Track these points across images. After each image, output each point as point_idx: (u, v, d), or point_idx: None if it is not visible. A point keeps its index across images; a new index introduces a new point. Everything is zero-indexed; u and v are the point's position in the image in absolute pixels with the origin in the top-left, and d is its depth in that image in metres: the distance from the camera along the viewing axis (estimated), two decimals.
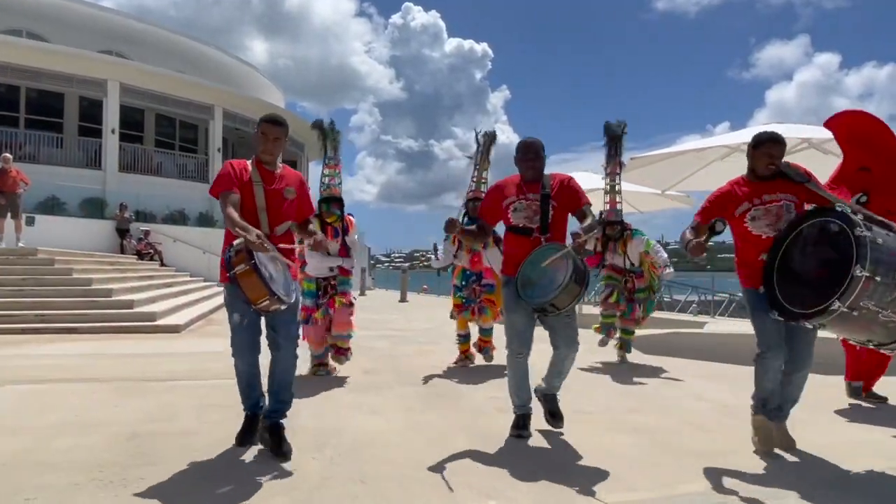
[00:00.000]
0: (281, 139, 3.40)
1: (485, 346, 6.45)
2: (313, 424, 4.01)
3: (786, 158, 8.79)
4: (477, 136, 6.78)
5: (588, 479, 3.05)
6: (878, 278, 2.75)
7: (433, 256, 6.54)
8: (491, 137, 6.75)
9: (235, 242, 3.10)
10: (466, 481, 3.05)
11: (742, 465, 3.26)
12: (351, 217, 5.71)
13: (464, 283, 6.32)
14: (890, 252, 2.81)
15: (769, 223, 3.39)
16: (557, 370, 3.81)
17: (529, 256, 3.61)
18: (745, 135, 8.62)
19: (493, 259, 6.11)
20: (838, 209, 3.10)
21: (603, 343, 6.92)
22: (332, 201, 5.62)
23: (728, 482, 2.98)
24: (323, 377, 5.67)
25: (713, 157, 8.93)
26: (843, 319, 2.89)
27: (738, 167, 4.79)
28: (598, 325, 6.94)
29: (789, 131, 7.88)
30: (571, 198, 3.70)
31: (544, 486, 3.00)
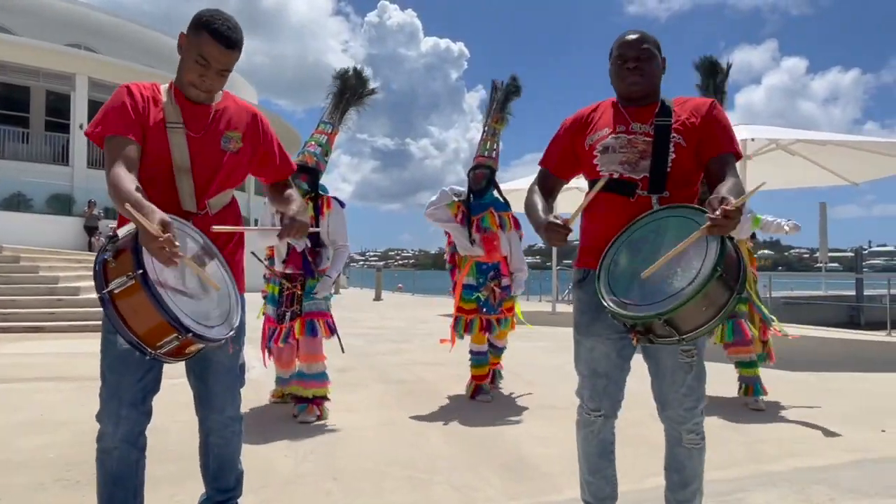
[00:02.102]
0: (229, 72, 2.00)
1: (494, 369, 5.10)
2: (285, 422, 3.98)
3: (753, 160, 8.83)
4: (494, 89, 5.09)
5: (558, 472, 3.09)
6: None
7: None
8: (511, 87, 5.05)
9: (121, 232, 1.77)
10: (440, 477, 3.06)
11: (709, 459, 3.31)
12: (333, 200, 4.29)
13: (480, 279, 4.75)
14: None
15: None
16: (677, 468, 2.15)
17: (625, 232, 2.00)
18: None
19: (514, 245, 4.84)
20: None
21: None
22: (300, 172, 4.04)
23: None
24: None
25: None
26: None
27: None
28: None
29: (758, 133, 8.06)
30: (713, 133, 2.05)
31: (516, 481, 3.02)
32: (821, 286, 21.59)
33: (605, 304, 1.88)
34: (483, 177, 4.73)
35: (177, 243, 1.61)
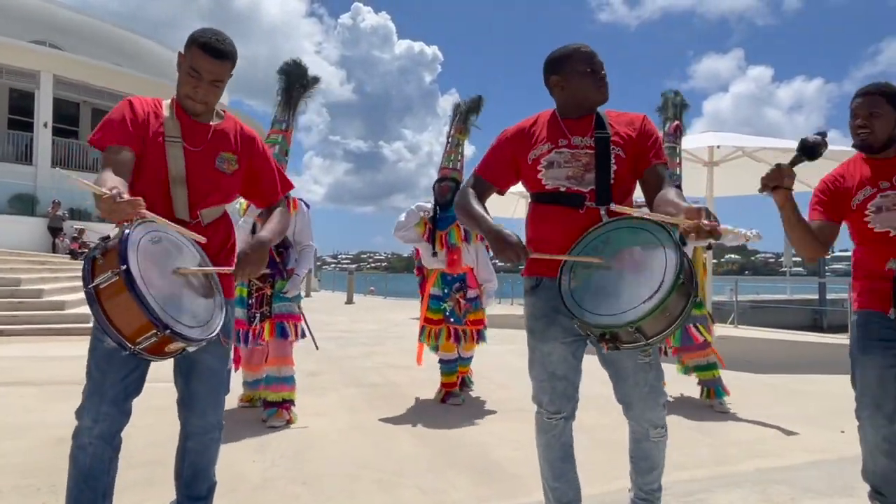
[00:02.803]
0: (222, 83, 2.06)
1: (463, 376, 5.15)
2: (254, 427, 3.95)
3: (720, 166, 9.01)
4: (457, 105, 5.18)
5: (527, 475, 3.10)
6: None
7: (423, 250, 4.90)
8: (472, 104, 5.08)
9: (113, 233, 1.83)
10: (409, 480, 3.07)
11: (675, 460, 3.37)
12: (299, 201, 4.30)
13: (445, 290, 4.80)
14: None
15: None
16: (644, 457, 2.25)
17: (581, 241, 2.06)
18: (686, 142, 8.92)
19: (481, 256, 4.88)
20: None
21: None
22: None
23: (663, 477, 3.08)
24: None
25: None
26: None
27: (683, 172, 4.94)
28: None
29: (725, 140, 8.23)
30: (644, 147, 2.16)
31: (485, 483, 3.04)
32: (786, 290, 22.09)
33: (575, 316, 1.95)
34: (448, 189, 4.77)
35: (126, 195, 1.68)
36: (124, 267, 1.69)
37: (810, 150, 2.11)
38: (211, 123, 2.13)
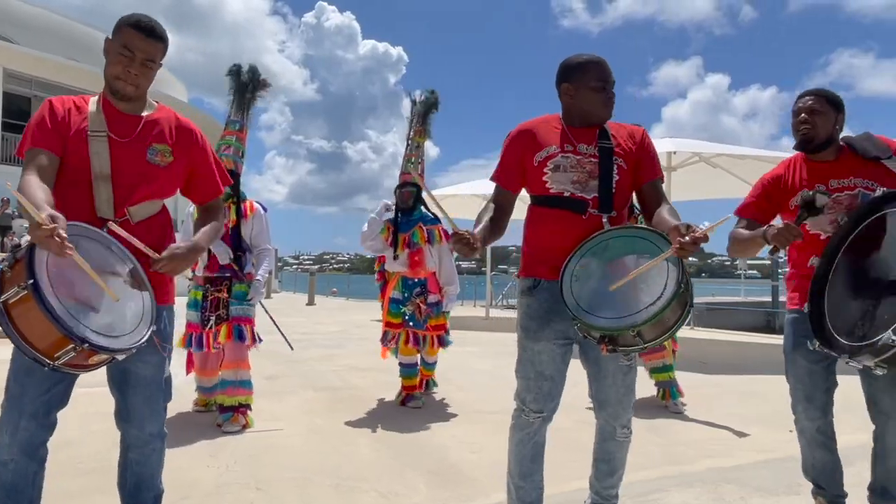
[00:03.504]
0: (154, 63, 1.96)
1: (427, 379, 5.13)
2: (209, 431, 3.87)
3: (678, 171, 9.18)
4: (413, 102, 5.07)
5: (485, 477, 3.12)
6: None
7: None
8: (429, 100, 5.03)
9: (23, 241, 1.70)
10: (367, 484, 3.05)
11: (630, 461, 3.42)
12: (256, 203, 4.24)
13: (406, 294, 4.75)
14: None
15: (835, 220, 2.37)
16: (607, 459, 2.32)
17: (582, 247, 2.10)
18: None
19: (444, 259, 4.83)
20: None
21: None
22: None
23: None
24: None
25: None
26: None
27: None
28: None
29: (682, 146, 8.40)
30: (644, 160, 2.25)
31: (443, 486, 3.04)
32: (740, 292, 22.65)
33: (576, 318, 2.00)
34: (410, 195, 4.77)
35: (63, 234, 1.56)
36: (31, 281, 1.58)
37: (812, 206, 2.25)
38: (142, 114, 2.02)
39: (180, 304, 2.66)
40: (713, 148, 8.68)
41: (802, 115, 2.39)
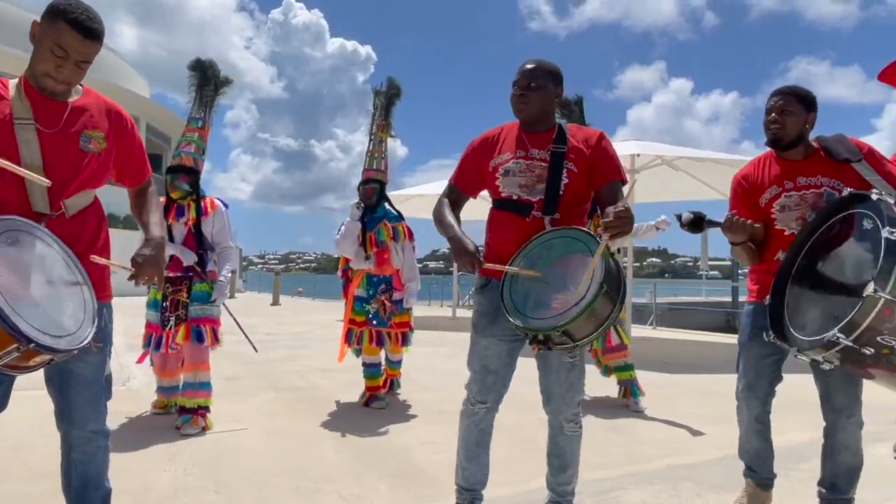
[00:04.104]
0: (88, 63, 1.86)
1: (392, 379, 5.14)
2: (167, 434, 3.79)
3: (641, 174, 9.33)
4: (376, 93, 5.03)
5: (447, 477, 3.10)
6: None
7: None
8: (391, 90, 4.98)
9: None
10: (328, 486, 3.02)
11: (590, 460, 3.46)
12: (217, 200, 4.19)
13: (370, 291, 4.72)
14: None
15: (801, 216, 2.42)
16: (557, 454, 2.40)
17: (524, 249, 2.22)
18: None
19: (407, 256, 4.81)
20: (874, 198, 2.10)
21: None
22: (180, 172, 4.01)
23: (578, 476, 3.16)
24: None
25: None
26: (854, 359, 1.97)
27: None
28: None
29: (645, 149, 8.53)
30: (601, 163, 2.30)
31: (405, 487, 3.03)
32: (702, 293, 23.08)
33: (511, 318, 2.13)
34: (373, 192, 4.72)
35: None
36: None
37: (692, 225, 2.46)
38: (68, 100, 1.90)
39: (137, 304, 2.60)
40: (675, 151, 8.85)
41: (773, 114, 2.44)
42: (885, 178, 2.31)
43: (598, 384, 5.39)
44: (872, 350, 1.89)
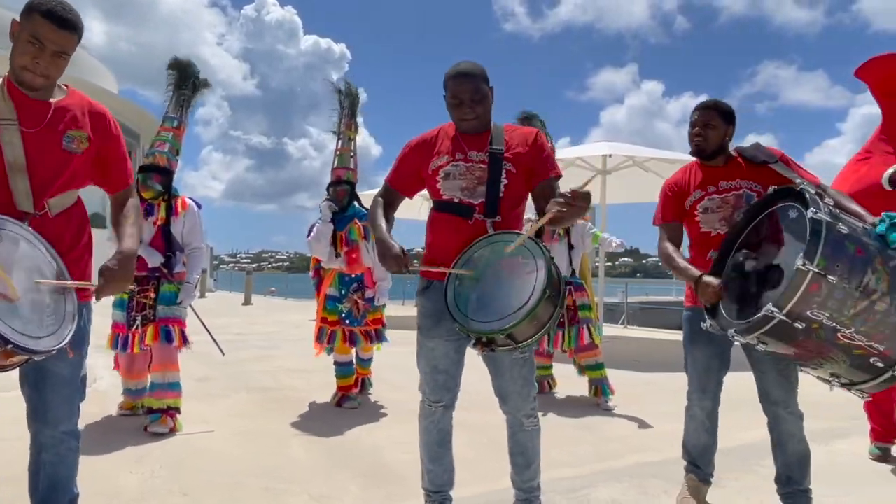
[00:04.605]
0: (66, 55, 1.88)
1: (363, 377, 5.06)
2: (134, 436, 3.74)
3: (613, 174, 9.41)
4: (339, 92, 4.95)
5: (417, 477, 3.11)
6: (831, 278, 1.93)
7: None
8: (349, 92, 4.92)
9: None
10: (298, 487, 3.01)
11: (561, 458, 3.50)
12: (189, 199, 4.11)
13: (343, 291, 4.69)
14: (856, 248, 2.00)
15: (724, 217, 2.56)
16: (521, 451, 2.41)
17: (467, 252, 2.24)
18: (581, 150, 9.31)
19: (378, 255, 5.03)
20: (797, 188, 2.21)
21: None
22: (152, 172, 3.93)
23: (546, 476, 3.18)
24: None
25: None
26: (786, 335, 2.05)
27: (574, 178, 5.11)
28: None
29: (616, 150, 8.62)
30: (539, 161, 2.33)
31: (375, 487, 3.03)
32: (672, 292, 23.42)
33: (456, 321, 2.14)
34: (345, 193, 4.71)
35: None
36: None
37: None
38: (51, 100, 1.92)
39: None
40: (646, 152, 8.96)
41: (697, 128, 2.61)
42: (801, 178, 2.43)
43: (569, 383, 5.45)
44: (803, 325, 1.99)
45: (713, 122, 2.59)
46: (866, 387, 2.14)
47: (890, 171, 3.19)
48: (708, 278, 2.39)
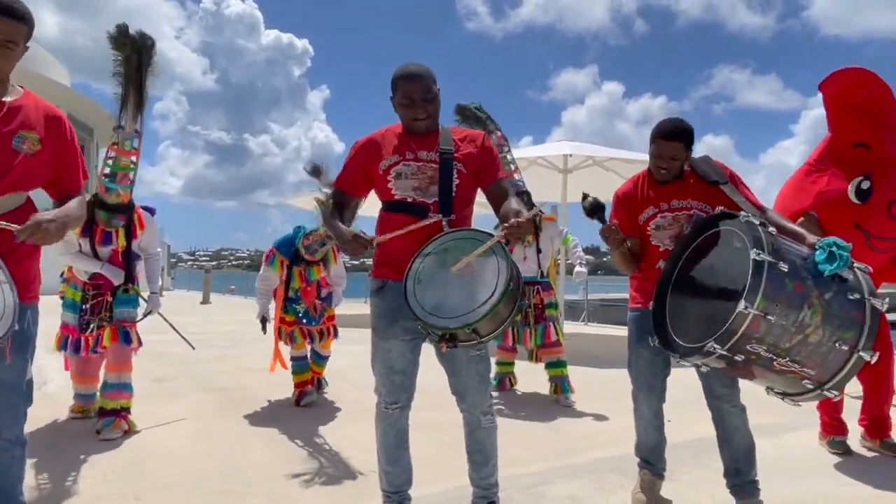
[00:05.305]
0: (16, 45, 1.87)
1: (318, 377, 5.03)
2: (86, 439, 3.64)
3: (573, 174, 9.51)
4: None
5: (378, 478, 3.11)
6: (771, 318, 2.05)
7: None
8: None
9: None
10: (258, 489, 2.97)
11: (520, 455, 3.53)
12: (144, 211, 3.92)
13: (299, 294, 4.69)
14: (794, 285, 2.10)
15: (674, 235, 2.63)
16: (479, 449, 2.42)
17: (424, 249, 2.22)
18: (543, 150, 9.40)
19: (338, 265, 4.81)
20: (742, 220, 2.28)
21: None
22: (119, 211, 3.66)
23: (506, 473, 3.20)
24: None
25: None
26: (726, 363, 2.22)
27: (536, 177, 5.19)
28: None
29: (577, 149, 8.72)
30: (486, 163, 2.38)
31: (336, 488, 3.01)
32: None
33: (418, 318, 2.11)
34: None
35: None
36: None
37: (589, 210, 2.72)
38: (4, 99, 1.91)
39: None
40: (605, 152, 9.09)
41: (661, 161, 2.60)
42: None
43: (530, 381, 5.50)
44: (743, 357, 2.14)
45: (678, 154, 2.58)
46: (799, 399, 2.27)
47: (856, 182, 3.29)
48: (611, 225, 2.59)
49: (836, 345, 2.10)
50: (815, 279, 2.15)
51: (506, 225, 2.06)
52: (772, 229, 2.24)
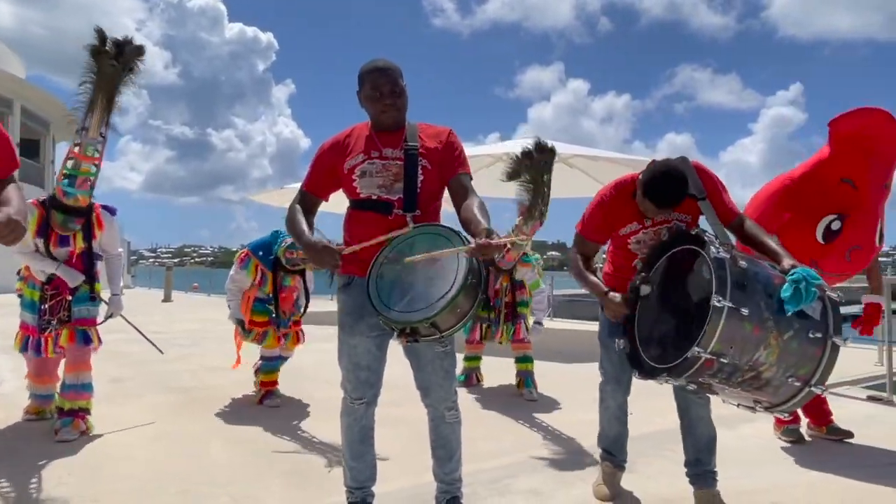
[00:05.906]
0: None
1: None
2: (41, 441, 3.55)
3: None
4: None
5: (342, 476, 3.10)
6: (724, 359, 2.12)
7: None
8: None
9: None
10: (220, 489, 2.93)
11: (484, 449, 3.55)
12: (103, 211, 3.84)
13: (270, 294, 4.67)
14: (753, 327, 2.13)
15: (654, 246, 2.69)
16: (443, 444, 2.44)
17: (386, 248, 2.25)
18: (508, 146, 9.44)
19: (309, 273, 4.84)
20: (711, 255, 2.25)
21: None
22: (76, 214, 3.60)
23: (470, 467, 3.23)
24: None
25: (479, 165, 9.60)
26: (683, 387, 2.38)
27: (502, 173, 5.16)
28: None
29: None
30: (450, 157, 2.39)
31: (300, 486, 2.99)
32: None
33: (379, 313, 2.12)
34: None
35: None
36: None
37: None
38: None
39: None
40: (570, 149, 9.17)
41: (650, 214, 2.65)
42: (723, 213, 2.60)
43: (496, 376, 5.54)
44: (695, 386, 2.31)
45: (680, 212, 2.65)
46: (754, 412, 2.40)
47: (827, 220, 3.30)
48: (613, 294, 2.61)
49: (789, 380, 2.17)
50: (777, 317, 2.14)
51: (479, 243, 2.01)
52: (742, 263, 2.23)
